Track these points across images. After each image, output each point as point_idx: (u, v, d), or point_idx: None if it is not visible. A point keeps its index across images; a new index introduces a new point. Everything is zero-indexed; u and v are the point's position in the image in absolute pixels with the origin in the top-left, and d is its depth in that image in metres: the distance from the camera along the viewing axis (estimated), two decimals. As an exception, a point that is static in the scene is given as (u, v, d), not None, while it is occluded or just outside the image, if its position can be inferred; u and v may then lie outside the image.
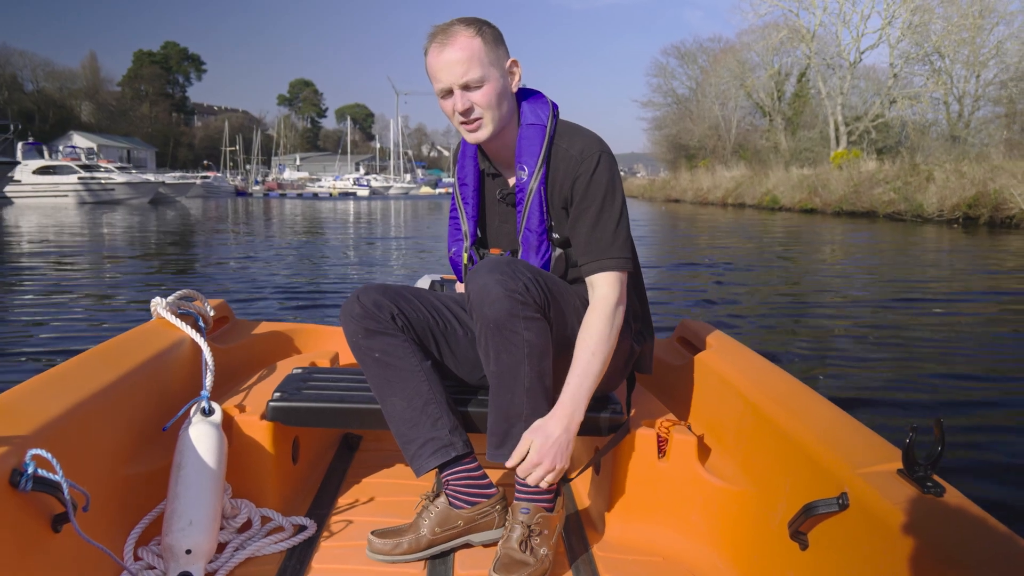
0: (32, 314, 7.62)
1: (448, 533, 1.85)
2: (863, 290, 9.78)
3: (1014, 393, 4.88)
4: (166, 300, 2.26)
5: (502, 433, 1.78)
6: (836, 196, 30.38)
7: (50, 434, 1.53)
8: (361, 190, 70.63)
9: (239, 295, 8.85)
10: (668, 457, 1.93)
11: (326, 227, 23.87)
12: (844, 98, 44.08)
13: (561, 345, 1.83)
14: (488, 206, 2.05)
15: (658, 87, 63.85)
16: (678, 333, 2.63)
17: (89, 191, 41.59)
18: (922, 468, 1.33)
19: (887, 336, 6.75)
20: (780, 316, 7.56)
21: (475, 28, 1.81)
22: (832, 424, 1.66)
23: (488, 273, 1.67)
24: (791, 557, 1.53)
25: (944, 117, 40.88)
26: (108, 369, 1.89)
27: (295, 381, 2.12)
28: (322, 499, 2.15)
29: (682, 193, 49.85)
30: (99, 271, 11.42)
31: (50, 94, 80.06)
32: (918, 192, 25.39)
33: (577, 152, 1.87)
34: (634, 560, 1.87)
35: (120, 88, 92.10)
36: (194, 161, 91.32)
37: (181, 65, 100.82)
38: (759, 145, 49.59)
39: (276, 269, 11.80)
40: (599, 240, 1.84)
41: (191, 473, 1.75)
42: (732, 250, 15.25)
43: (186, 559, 1.68)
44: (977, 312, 8.02)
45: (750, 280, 10.45)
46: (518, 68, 1.89)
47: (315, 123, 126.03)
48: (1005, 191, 21.23)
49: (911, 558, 1.19)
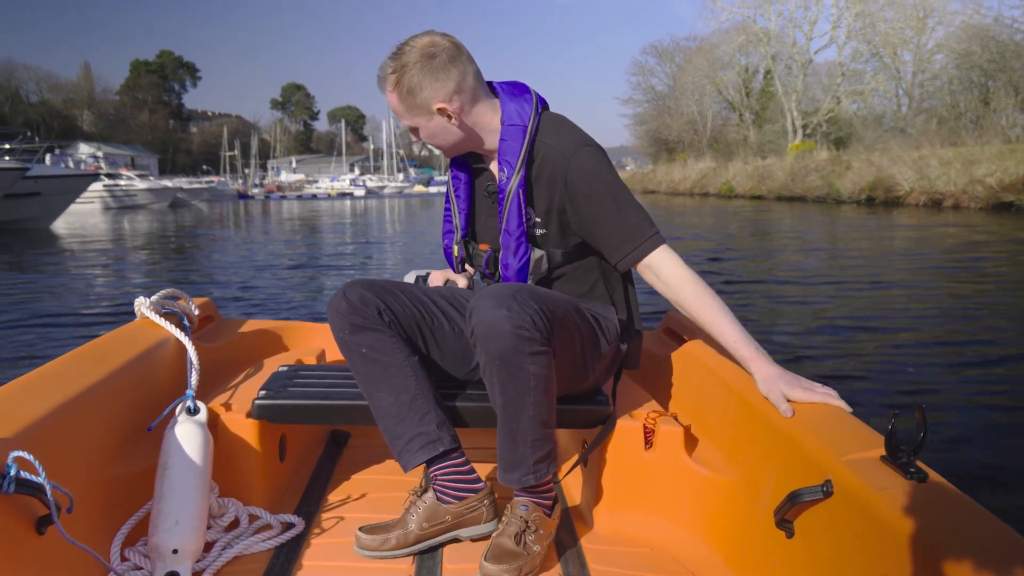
0: (16, 315, 7.71)
1: (436, 528, 1.83)
2: (827, 274, 10.35)
3: (998, 378, 4.97)
4: (150, 300, 2.22)
5: (511, 458, 1.77)
6: (778, 184, 35.69)
7: (32, 436, 1.50)
8: (358, 190, 72.91)
9: (232, 294, 9.04)
10: (655, 448, 1.92)
11: (323, 226, 25.57)
12: (798, 95, 48.41)
13: (565, 363, 1.81)
14: (478, 200, 2.04)
15: (638, 84, 67.38)
16: (664, 324, 2.63)
17: (113, 197, 43.94)
18: (905, 454, 1.34)
19: (863, 321, 6.93)
20: (756, 306, 7.78)
21: (393, 80, 1.82)
22: (816, 412, 1.65)
23: (495, 308, 1.63)
24: (777, 545, 1.53)
25: (892, 111, 45.24)
26: (91, 370, 1.86)
27: (281, 379, 2.10)
28: (310, 496, 2.13)
29: (657, 185, 54.56)
30: (88, 271, 11.74)
31: (53, 105, 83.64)
32: (838, 179, 30.73)
33: (563, 149, 1.84)
34: (622, 551, 1.86)
35: (119, 97, 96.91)
36: (192, 167, 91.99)
37: (176, 73, 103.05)
38: (731, 138, 53.93)
39: (267, 268, 12.03)
40: (632, 227, 1.83)
41: (177, 472, 1.72)
42: (699, 240, 16.19)
43: (173, 559, 1.65)
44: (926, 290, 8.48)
45: (719, 269, 10.82)
46: (455, 100, 1.82)
47: (308, 126, 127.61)
48: (897, 175, 26.64)
49: (895, 543, 1.19)
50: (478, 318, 1.65)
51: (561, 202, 1.88)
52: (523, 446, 1.74)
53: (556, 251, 1.94)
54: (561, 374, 1.78)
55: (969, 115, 34.83)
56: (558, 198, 1.87)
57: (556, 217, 1.90)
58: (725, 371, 1.99)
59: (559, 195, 1.87)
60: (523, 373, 1.66)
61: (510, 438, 1.75)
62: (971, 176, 22.97)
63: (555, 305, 1.74)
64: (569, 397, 1.93)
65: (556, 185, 1.86)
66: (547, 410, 1.74)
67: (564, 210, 1.89)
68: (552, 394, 1.74)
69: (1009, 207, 21.41)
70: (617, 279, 2.02)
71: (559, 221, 1.91)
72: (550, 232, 1.92)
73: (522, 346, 1.63)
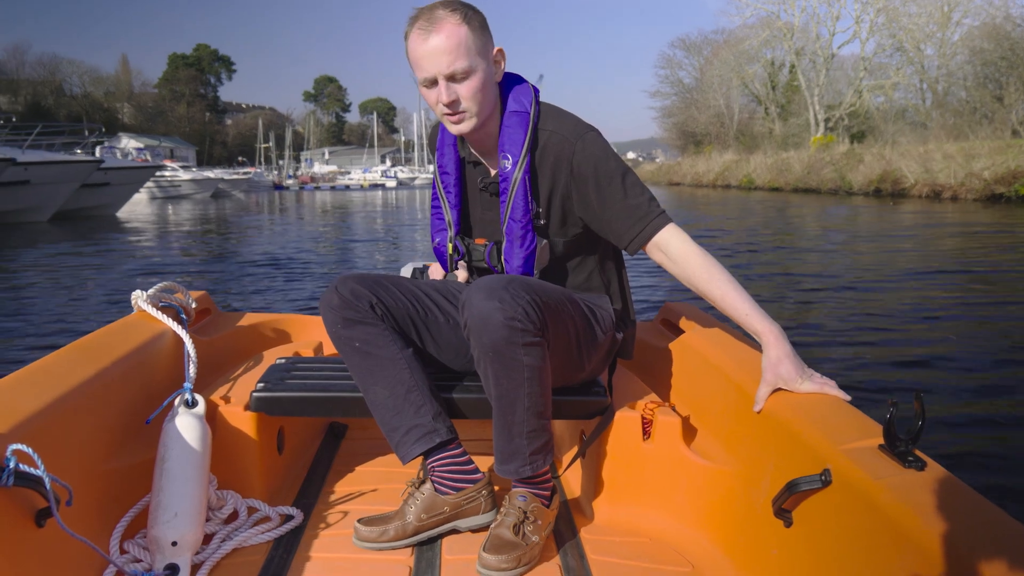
0: (12, 307, 7.83)
1: (434, 519, 1.83)
2: (833, 266, 10.37)
3: (995, 365, 5.01)
4: (147, 293, 2.22)
5: (507, 450, 1.77)
6: (795, 176, 37.03)
7: (31, 429, 1.51)
8: (389, 181, 74.44)
9: (249, 287, 9.13)
10: (653, 439, 1.92)
11: (354, 215, 26.96)
12: (821, 89, 49.57)
13: (561, 353, 1.80)
14: (470, 195, 2.01)
15: (665, 78, 69.15)
16: (661, 315, 2.62)
17: (159, 187, 45.55)
18: (903, 443, 1.34)
19: (861, 310, 6.94)
20: (758, 296, 7.14)
21: (461, 14, 1.72)
22: (814, 401, 1.64)
23: (487, 300, 1.62)
24: (776, 534, 1.53)
25: (915, 103, 45.71)
26: (89, 363, 1.87)
27: (279, 371, 2.10)
28: (308, 488, 2.14)
29: (682, 177, 55.32)
30: (87, 265, 11.80)
31: (96, 99, 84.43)
32: (850, 172, 32.15)
33: (567, 134, 1.83)
34: (621, 541, 1.86)
35: (157, 90, 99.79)
36: (228, 158, 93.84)
37: (212, 66, 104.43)
38: (756, 131, 54.94)
39: (303, 260, 12.22)
40: (638, 207, 1.82)
41: (175, 465, 1.73)
42: (716, 230, 16.57)
43: (172, 551, 1.66)
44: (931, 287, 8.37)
45: (726, 256, 10.91)
46: (503, 57, 1.83)
47: (339, 118, 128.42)
48: (904, 168, 28.19)
49: (893, 532, 1.19)
50: (470, 311, 1.65)
51: (566, 188, 1.86)
52: (519, 437, 1.74)
53: (558, 240, 1.93)
54: (556, 365, 1.78)
55: (983, 110, 35.95)
56: (562, 184, 1.86)
57: (559, 204, 1.89)
58: (723, 361, 1.99)
59: (564, 181, 1.85)
60: (517, 364, 1.65)
61: (506, 430, 1.75)
62: (970, 170, 24.54)
63: (548, 296, 1.73)
64: (566, 388, 1.93)
65: (560, 171, 1.84)
66: (542, 401, 1.73)
67: (568, 196, 1.87)
68: (547, 385, 1.73)
69: (1000, 199, 23.03)
70: (612, 269, 2.01)
71: (561, 208, 1.90)
72: (551, 221, 1.91)
73: (515, 337, 1.63)
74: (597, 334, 1.92)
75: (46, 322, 7.17)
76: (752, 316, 1.75)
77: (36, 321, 7.22)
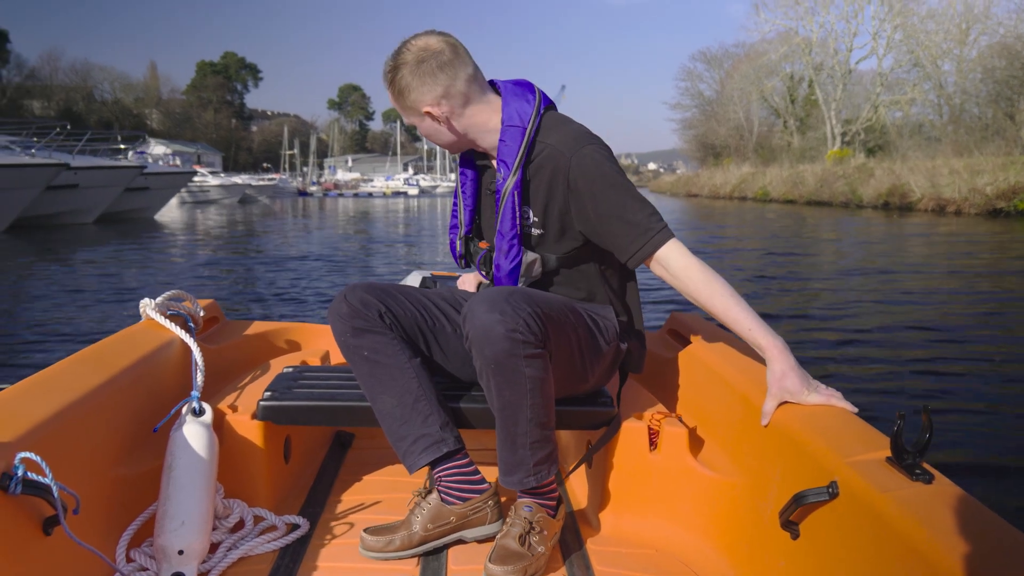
0: (25, 316, 7.87)
1: (440, 529, 1.83)
2: (840, 277, 10.42)
3: (1002, 378, 5.01)
4: (155, 301, 2.23)
5: (511, 461, 1.76)
6: (808, 189, 37.85)
7: (39, 437, 1.51)
8: (411, 189, 75.84)
9: (262, 296, 9.15)
10: (660, 449, 1.90)
11: (375, 222, 27.69)
12: (838, 104, 50.04)
13: (563, 364, 1.79)
14: (483, 198, 2.02)
15: (686, 90, 69.69)
16: (668, 326, 2.60)
17: (189, 192, 46.53)
18: (910, 456, 1.32)
19: (870, 322, 6.92)
20: (766, 307, 7.70)
21: (388, 80, 1.83)
22: (820, 413, 1.62)
23: (488, 312, 1.62)
24: (782, 546, 1.52)
25: (930, 119, 45.71)
26: (97, 371, 1.87)
27: (286, 380, 2.10)
28: (315, 498, 2.14)
29: (700, 189, 56.29)
30: (98, 273, 11.83)
31: (126, 104, 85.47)
32: (861, 186, 32.87)
33: (564, 148, 1.80)
34: (627, 552, 1.85)
35: (184, 96, 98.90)
36: (253, 164, 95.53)
37: (239, 74, 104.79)
38: (775, 144, 55.46)
39: (325, 267, 12.30)
40: (637, 224, 1.78)
41: (182, 474, 1.73)
42: (725, 240, 16.81)
43: (179, 560, 1.66)
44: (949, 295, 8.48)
45: (737, 271, 10.93)
46: (443, 104, 1.81)
47: (363, 126, 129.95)
48: (912, 183, 28.98)
49: (901, 545, 1.17)
50: (472, 323, 1.64)
51: (564, 202, 1.84)
52: (522, 448, 1.74)
53: (551, 255, 1.90)
54: (559, 375, 1.77)
55: (994, 127, 36.54)
56: (560, 198, 1.84)
57: (557, 217, 1.87)
58: (730, 372, 1.97)
59: (561, 194, 1.83)
60: (519, 376, 1.65)
61: (509, 441, 1.74)
62: (973, 185, 25.24)
63: (550, 307, 1.72)
64: (572, 398, 1.92)
65: (557, 184, 1.82)
66: (545, 412, 1.72)
67: (567, 211, 1.85)
68: (550, 396, 1.73)
69: (1000, 213, 23.66)
70: (617, 281, 1.99)
71: (560, 221, 1.87)
72: (548, 233, 1.89)
73: (517, 349, 1.62)
74: (600, 344, 1.90)
75: (60, 324, 7.39)
76: (755, 330, 1.73)
77: (52, 325, 7.40)
